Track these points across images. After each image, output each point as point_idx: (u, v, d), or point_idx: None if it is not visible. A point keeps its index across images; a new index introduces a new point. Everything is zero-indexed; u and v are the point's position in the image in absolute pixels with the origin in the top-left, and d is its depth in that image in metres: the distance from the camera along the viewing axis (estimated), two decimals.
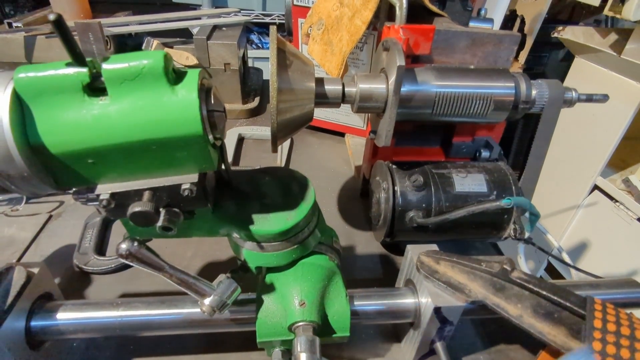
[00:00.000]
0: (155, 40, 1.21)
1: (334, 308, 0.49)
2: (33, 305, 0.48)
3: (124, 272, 0.68)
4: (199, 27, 1.50)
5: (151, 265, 0.40)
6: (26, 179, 0.35)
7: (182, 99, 0.34)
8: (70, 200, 0.83)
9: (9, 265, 0.47)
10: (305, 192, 0.48)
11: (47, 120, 0.34)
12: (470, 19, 0.86)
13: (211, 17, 1.30)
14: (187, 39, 1.25)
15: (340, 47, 0.78)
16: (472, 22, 0.83)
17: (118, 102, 0.34)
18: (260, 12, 1.85)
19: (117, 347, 0.56)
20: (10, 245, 0.71)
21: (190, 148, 0.36)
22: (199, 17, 1.34)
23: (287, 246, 0.46)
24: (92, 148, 0.35)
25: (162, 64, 0.33)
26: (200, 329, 0.51)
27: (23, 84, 0.33)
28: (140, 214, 0.36)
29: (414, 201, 0.65)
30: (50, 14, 0.30)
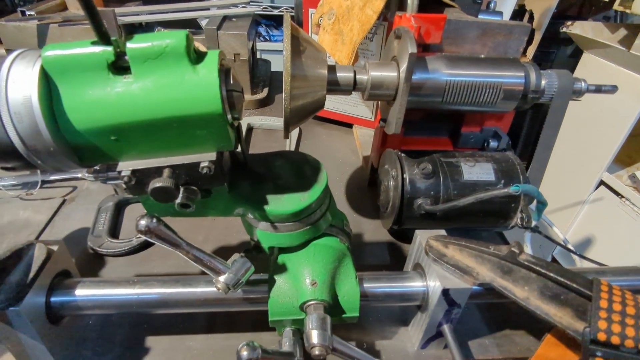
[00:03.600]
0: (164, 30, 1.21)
1: (344, 289, 0.50)
2: (52, 281, 0.49)
3: (136, 254, 0.70)
4: (207, 19, 1.51)
5: (169, 241, 0.42)
6: (52, 154, 0.36)
7: (203, 78, 0.35)
8: (83, 186, 0.85)
9: (29, 243, 0.48)
10: (318, 174, 0.49)
11: (72, 97, 0.35)
12: (480, 12, 0.86)
13: (221, 8, 1.31)
14: (195, 29, 1.26)
15: (351, 36, 0.79)
16: (481, 15, 0.84)
17: (141, 80, 0.35)
18: (268, 4, 1.85)
19: (131, 326, 0.58)
20: (26, 228, 0.73)
21: (209, 126, 0.37)
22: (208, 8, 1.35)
23: (300, 227, 0.47)
24: (115, 125, 0.36)
25: (184, 44, 0.35)
26: (214, 307, 0.52)
27: (50, 61, 0.34)
28: (161, 190, 0.37)
29: (422, 189, 0.66)
30: None
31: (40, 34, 1.08)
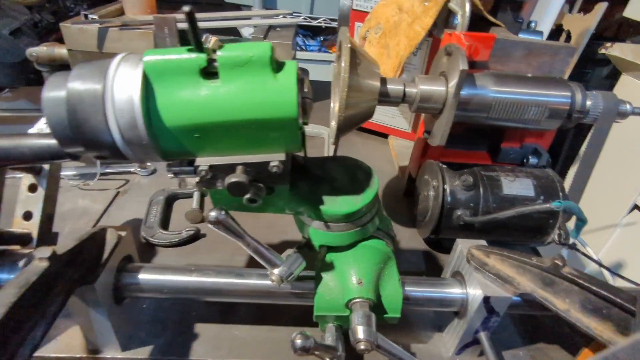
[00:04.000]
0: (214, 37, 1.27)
1: (387, 290, 0.52)
2: (120, 264, 0.53)
3: (184, 246, 0.74)
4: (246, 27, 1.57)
5: (234, 232, 0.45)
6: (143, 146, 0.40)
7: (283, 85, 0.39)
8: (134, 180, 0.91)
9: (102, 227, 0.53)
10: (370, 180, 0.52)
11: (166, 97, 0.39)
12: (520, 31, 0.88)
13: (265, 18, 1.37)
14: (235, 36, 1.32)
15: (397, 50, 0.82)
16: (521, 34, 0.86)
17: (228, 84, 0.39)
18: (307, 14, 1.91)
19: (181, 313, 0.62)
20: (84, 215, 0.78)
21: (283, 129, 0.41)
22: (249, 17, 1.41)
23: (351, 228, 0.50)
24: (201, 124, 0.40)
25: (269, 54, 0.38)
26: (262, 299, 0.55)
27: (150, 64, 0.39)
28: (236, 184, 0.41)
29: (463, 200, 0.68)
30: (185, 6, 0.36)
31: (100, 37, 1.15)
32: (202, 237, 0.76)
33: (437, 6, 0.75)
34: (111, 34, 1.16)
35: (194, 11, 0.36)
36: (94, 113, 0.38)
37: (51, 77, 0.40)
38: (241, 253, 0.74)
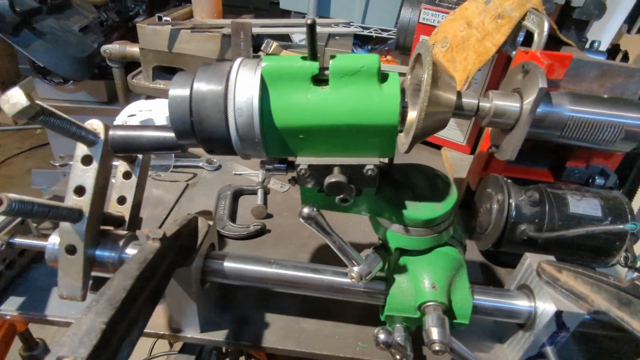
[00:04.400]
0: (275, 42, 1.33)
1: (458, 296, 0.54)
2: (207, 250, 0.58)
3: (251, 240, 0.78)
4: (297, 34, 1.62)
5: (323, 229, 0.48)
6: (254, 144, 0.44)
7: (387, 94, 0.42)
8: (201, 174, 0.96)
9: (194, 216, 0.57)
10: (450, 188, 0.54)
11: (279, 100, 0.43)
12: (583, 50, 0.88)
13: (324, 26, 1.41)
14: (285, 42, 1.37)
15: (465, 65, 0.84)
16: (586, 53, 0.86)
17: (336, 91, 0.42)
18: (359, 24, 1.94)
19: (252, 302, 0.65)
20: (159, 204, 0.84)
21: (382, 135, 0.44)
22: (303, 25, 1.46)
23: (429, 233, 0.52)
24: (307, 126, 0.43)
25: (377, 66, 0.42)
26: (335, 294, 0.58)
27: (268, 70, 0.43)
28: (336, 184, 0.44)
29: (528, 215, 0.69)
30: (308, 18, 0.39)
31: (171, 37, 1.23)
32: (267, 232, 0.80)
33: (511, 24, 0.77)
34: (182, 36, 1.23)
35: (315, 23, 0.40)
36: (215, 111, 0.43)
37: (175, 77, 0.45)
38: (304, 250, 0.77)
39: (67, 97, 2.19)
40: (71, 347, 0.33)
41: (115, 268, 0.56)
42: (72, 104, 2.19)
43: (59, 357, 0.32)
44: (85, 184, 0.53)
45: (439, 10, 0.95)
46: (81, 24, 2.03)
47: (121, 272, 0.41)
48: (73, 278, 0.53)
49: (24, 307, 0.59)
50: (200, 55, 1.25)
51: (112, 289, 0.38)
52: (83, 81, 2.08)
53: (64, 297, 0.53)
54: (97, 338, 0.34)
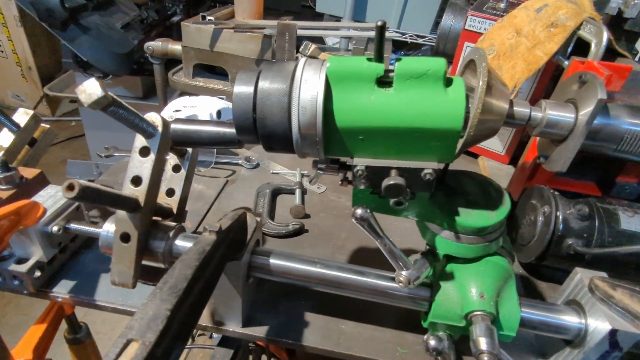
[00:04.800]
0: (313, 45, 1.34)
1: (505, 308, 0.53)
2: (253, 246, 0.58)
3: (290, 239, 0.79)
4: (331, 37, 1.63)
5: (375, 231, 0.48)
6: (314, 142, 0.44)
7: (452, 99, 0.42)
8: (240, 171, 0.97)
9: (244, 211, 0.58)
10: (503, 197, 0.53)
11: (341, 100, 0.43)
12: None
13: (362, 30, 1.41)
14: (319, 44, 1.38)
15: (513, 73, 0.83)
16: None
17: (400, 94, 0.42)
18: (394, 29, 1.94)
19: (293, 300, 0.65)
20: (200, 198, 0.85)
21: (444, 140, 0.43)
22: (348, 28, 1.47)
23: (480, 241, 0.52)
24: (368, 127, 0.43)
25: (444, 70, 0.41)
26: (378, 297, 0.58)
27: (332, 70, 0.43)
28: (394, 186, 0.44)
29: (575, 229, 0.67)
30: (378, 20, 0.40)
31: (214, 36, 1.25)
32: (305, 232, 0.80)
33: (565, 33, 0.75)
34: (224, 35, 1.25)
35: (385, 25, 0.40)
36: (279, 109, 0.43)
37: (239, 75, 0.46)
38: (341, 252, 0.77)
39: None
40: (139, 331, 0.34)
41: (164, 258, 0.57)
42: None
43: (128, 339, 0.33)
44: (142, 175, 0.54)
45: (486, 17, 0.93)
46: (123, 21, 2.09)
47: (182, 262, 0.41)
48: (126, 265, 0.54)
49: (74, 291, 0.61)
50: (240, 54, 1.27)
51: (174, 277, 0.39)
52: (121, 76, 2.15)
53: (116, 283, 0.55)
54: (163, 324, 0.35)
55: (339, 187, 0.96)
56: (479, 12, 0.95)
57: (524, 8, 0.87)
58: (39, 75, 3.23)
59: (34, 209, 0.54)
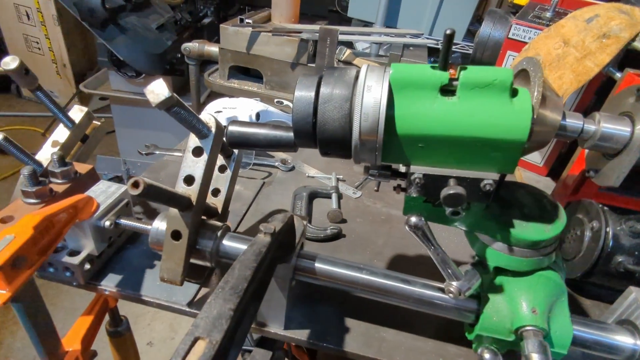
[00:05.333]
0: (348, 50, 1.34)
1: (557, 324, 0.52)
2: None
3: (327, 243, 0.78)
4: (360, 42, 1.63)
5: (428, 240, 0.48)
6: (373, 149, 0.44)
7: (519, 110, 0.41)
8: (276, 173, 0.98)
9: (291, 214, 0.58)
10: (559, 211, 0.52)
11: (403, 107, 0.43)
12: None
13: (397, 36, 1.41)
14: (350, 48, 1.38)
15: (560, 84, 0.81)
16: None
17: (464, 103, 0.42)
18: (426, 36, 1.93)
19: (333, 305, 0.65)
20: (238, 199, 0.86)
21: (507, 151, 0.43)
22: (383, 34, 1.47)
23: (534, 255, 0.50)
24: (429, 135, 0.43)
25: (511, 80, 0.41)
26: (423, 307, 0.57)
27: (395, 77, 0.43)
28: (454, 196, 0.43)
29: (627, 246, 0.65)
30: (447, 29, 0.39)
31: (251, 39, 1.27)
32: (342, 237, 0.80)
33: (618, 44, 0.73)
34: (261, 38, 1.26)
35: (454, 33, 0.40)
36: (340, 114, 0.43)
37: (300, 79, 0.46)
38: (379, 258, 0.77)
39: (135, 89, 2.32)
40: (205, 329, 0.34)
41: (211, 257, 0.58)
42: (140, 97, 2.32)
43: (196, 337, 0.34)
44: (194, 174, 0.55)
45: (532, 26, 0.92)
46: (158, 22, 2.14)
47: (240, 262, 0.42)
48: (175, 263, 0.55)
49: (120, 285, 0.63)
50: (276, 58, 1.29)
51: (235, 278, 0.40)
52: (153, 76, 2.20)
53: (165, 280, 0.56)
54: (227, 323, 0.35)
55: (374, 192, 0.97)
56: (524, 21, 0.93)
57: (572, 18, 0.85)
58: (72, 73, 3.34)
59: (89, 203, 0.56)
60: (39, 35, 3.15)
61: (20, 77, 0.57)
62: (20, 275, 0.41)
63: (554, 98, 0.61)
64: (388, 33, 1.41)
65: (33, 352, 1.74)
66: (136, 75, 2.21)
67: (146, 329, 1.94)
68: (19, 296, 0.41)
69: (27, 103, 3.59)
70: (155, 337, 1.92)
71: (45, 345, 0.48)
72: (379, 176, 0.52)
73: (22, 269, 0.41)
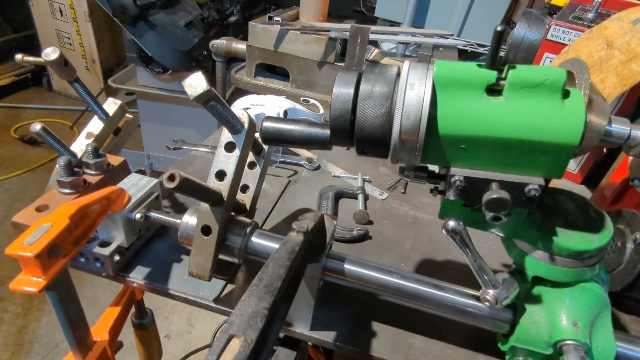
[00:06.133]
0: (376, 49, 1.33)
1: (599, 340, 0.49)
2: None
3: (353, 244, 0.77)
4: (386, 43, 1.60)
5: (467, 245, 0.46)
6: (413, 149, 0.43)
7: (571, 112, 0.39)
8: (302, 172, 0.97)
9: (321, 214, 0.57)
10: (605, 221, 0.49)
11: (446, 106, 0.41)
12: None
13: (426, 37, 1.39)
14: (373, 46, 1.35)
15: (602, 88, 0.77)
16: None
17: (512, 103, 0.40)
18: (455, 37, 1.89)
19: (360, 308, 0.64)
20: (264, 196, 0.86)
21: (556, 155, 0.40)
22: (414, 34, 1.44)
23: (577, 265, 0.48)
24: (473, 136, 0.41)
25: (563, 80, 0.39)
26: (455, 315, 0.55)
27: (439, 75, 0.41)
28: (498, 200, 0.41)
29: None
30: (498, 25, 0.37)
31: (279, 37, 1.26)
32: (369, 238, 0.79)
33: None
34: (289, 36, 1.26)
35: (505, 31, 0.38)
36: (380, 112, 0.42)
37: (338, 75, 0.45)
38: (406, 262, 0.75)
39: (162, 85, 2.35)
40: (240, 327, 0.34)
41: (239, 253, 0.57)
42: (165, 92, 2.35)
43: (231, 334, 0.33)
44: (226, 170, 0.55)
45: (573, 27, 0.89)
46: (186, 20, 2.17)
47: (274, 261, 0.41)
48: (204, 258, 0.55)
49: (148, 278, 0.63)
50: (303, 56, 1.28)
51: (269, 276, 0.39)
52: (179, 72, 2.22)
53: (193, 275, 0.56)
54: (262, 322, 0.34)
55: (401, 194, 0.95)
56: (565, 22, 0.90)
57: (617, 19, 0.82)
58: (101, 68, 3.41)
59: (121, 195, 0.56)
60: (71, 31, 3.23)
61: (60, 68, 0.58)
62: (55, 264, 0.41)
63: (600, 102, 0.58)
64: (417, 33, 1.39)
65: (56, 339, 1.79)
66: (163, 72, 2.24)
67: (164, 321, 1.96)
68: (53, 285, 0.41)
69: (57, 96, 3.69)
70: (172, 330, 1.94)
71: (76, 335, 0.49)
72: (414, 177, 0.50)
73: (57, 257, 0.41)
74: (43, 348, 1.74)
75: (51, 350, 1.73)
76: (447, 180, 0.45)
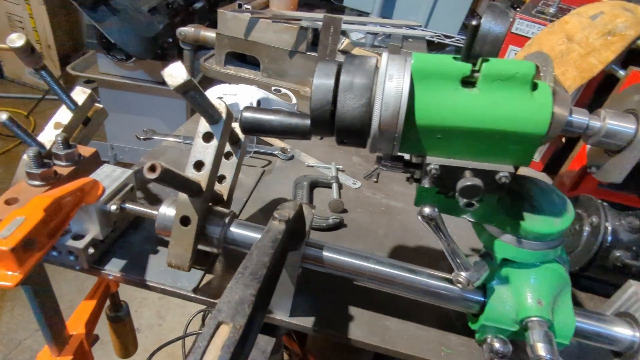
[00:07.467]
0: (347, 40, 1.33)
1: (560, 316, 0.53)
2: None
3: (329, 232, 0.79)
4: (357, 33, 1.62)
5: (441, 230, 0.48)
6: (391, 139, 0.44)
7: (539, 103, 0.42)
8: (276, 162, 0.97)
9: (301, 203, 0.58)
10: (567, 205, 0.53)
11: (423, 98, 0.43)
12: None
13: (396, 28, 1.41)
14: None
15: (563, 80, 0.82)
16: None
17: (485, 95, 0.42)
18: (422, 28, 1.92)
19: (338, 293, 0.66)
20: (239, 187, 0.85)
21: (525, 144, 0.43)
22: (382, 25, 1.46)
23: (542, 247, 0.51)
24: (448, 126, 0.43)
25: (533, 73, 0.41)
26: (427, 297, 0.58)
27: (417, 67, 0.43)
28: (471, 187, 0.44)
29: (624, 241, 0.67)
30: (473, 19, 0.39)
31: (249, 25, 1.24)
32: (344, 226, 0.80)
33: (624, 42, 0.75)
34: (260, 25, 1.24)
35: (480, 25, 0.40)
36: (360, 103, 0.43)
37: (318, 66, 0.46)
38: (380, 249, 0.77)
39: (125, 73, 2.26)
40: (228, 314, 0.34)
41: (219, 243, 0.57)
42: (129, 81, 2.27)
43: (219, 321, 0.34)
44: (204, 160, 0.54)
45: (535, 21, 0.93)
46: (150, 5, 2.09)
47: (258, 249, 0.42)
48: (184, 248, 0.55)
49: (124, 270, 0.62)
50: (274, 45, 1.27)
51: (253, 263, 0.40)
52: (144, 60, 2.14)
53: (172, 266, 0.55)
54: (249, 308, 0.35)
55: (374, 183, 0.97)
56: (528, 16, 0.94)
57: (576, 14, 0.86)
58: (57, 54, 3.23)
59: (95, 187, 0.54)
60: (23, 14, 3.03)
61: (26, 55, 0.55)
62: (31, 258, 0.39)
63: (562, 93, 0.61)
64: (385, 24, 1.40)
65: (18, 337, 1.71)
66: (126, 59, 2.16)
67: (134, 315, 1.90)
68: (28, 279, 0.40)
69: (9, 84, 3.47)
70: (142, 324, 1.90)
71: (52, 329, 0.47)
72: (391, 167, 0.52)
73: (33, 251, 0.40)
74: (5, 347, 1.66)
75: (13, 348, 1.66)
76: (422, 169, 0.47)
